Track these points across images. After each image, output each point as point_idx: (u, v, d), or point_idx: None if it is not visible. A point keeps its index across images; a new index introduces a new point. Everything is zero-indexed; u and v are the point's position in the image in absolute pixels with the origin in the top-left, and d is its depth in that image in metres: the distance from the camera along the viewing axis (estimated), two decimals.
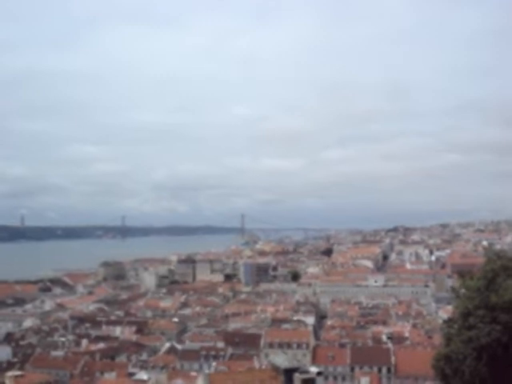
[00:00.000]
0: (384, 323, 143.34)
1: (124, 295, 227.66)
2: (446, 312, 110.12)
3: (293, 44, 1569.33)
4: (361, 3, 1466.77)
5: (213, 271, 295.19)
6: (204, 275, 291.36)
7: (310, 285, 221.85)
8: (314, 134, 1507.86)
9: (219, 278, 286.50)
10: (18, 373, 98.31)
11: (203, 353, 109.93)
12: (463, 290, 35.75)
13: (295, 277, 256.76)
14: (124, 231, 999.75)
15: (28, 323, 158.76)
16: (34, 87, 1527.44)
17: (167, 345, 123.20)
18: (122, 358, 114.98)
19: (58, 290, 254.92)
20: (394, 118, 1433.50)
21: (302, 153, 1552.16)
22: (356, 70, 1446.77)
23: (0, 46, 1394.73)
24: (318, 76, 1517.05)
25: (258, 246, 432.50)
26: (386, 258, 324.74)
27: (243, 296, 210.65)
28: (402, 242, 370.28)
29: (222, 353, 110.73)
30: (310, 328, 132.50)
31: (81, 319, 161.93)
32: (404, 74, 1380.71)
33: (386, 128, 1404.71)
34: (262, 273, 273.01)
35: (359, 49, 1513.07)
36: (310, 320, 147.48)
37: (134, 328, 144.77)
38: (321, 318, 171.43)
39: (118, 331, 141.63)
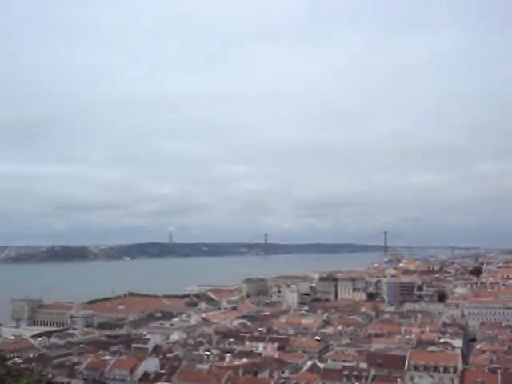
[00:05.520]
0: None
1: (266, 311, 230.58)
2: None
3: (438, 55, 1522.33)
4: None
5: (355, 290, 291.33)
6: (346, 293, 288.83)
7: (457, 306, 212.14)
8: (466, 148, 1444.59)
9: (361, 296, 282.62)
10: None
11: (345, 372, 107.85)
12: None
13: (442, 297, 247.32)
14: (266, 248, 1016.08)
15: (175, 336, 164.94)
16: (181, 109, 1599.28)
17: (309, 363, 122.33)
18: (264, 375, 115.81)
19: (203, 305, 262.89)
20: None
21: (452, 167, 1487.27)
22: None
23: (151, 71, 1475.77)
24: (466, 87, 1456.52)
25: (402, 265, 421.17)
26: None
27: (386, 316, 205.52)
28: None
29: (364, 373, 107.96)
30: (458, 351, 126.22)
31: (225, 334, 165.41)
32: None
33: None
34: (406, 292, 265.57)
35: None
36: (458, 343, 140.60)
37: (276, 345, 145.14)
38: (469, 341, 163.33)
39: (260, 347, 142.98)
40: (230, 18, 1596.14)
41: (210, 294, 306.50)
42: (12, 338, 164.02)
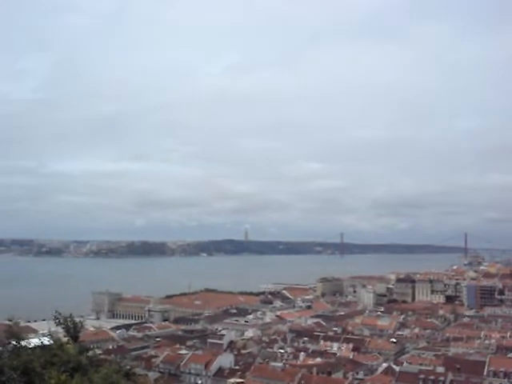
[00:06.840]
0: None
1: (341, 311, 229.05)
2: None
3: None
4: None
5: (433, 292, 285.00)
6: (423, 295, 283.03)
7: None
8: None
9: (440, 299, 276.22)
10: (240, 380, 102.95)
11: (421, 376, 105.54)
12: None
13: None
14: (342, 248, 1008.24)
15: (249, 333, 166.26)
16: (260, 107, 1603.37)
17: (384, 365, 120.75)
18: (338, 375, 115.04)
19: (278, 303, 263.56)
20: None
21: None
22: None
23: (230, 69, 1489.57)
24: None
25: (483, 268, 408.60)
26: None
27: (465, 320, 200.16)
28: None
29: (441, 378, 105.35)
30: None
31: (299, 332, 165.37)
32: None
33: None
34: (486, 296, 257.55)
35: None
36: None
37: (351, 345, 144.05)
38: None
39: (335, 347, 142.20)
40: (312, 15, 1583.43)
41: (284, 292, 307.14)
42: (92, 329, 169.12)
